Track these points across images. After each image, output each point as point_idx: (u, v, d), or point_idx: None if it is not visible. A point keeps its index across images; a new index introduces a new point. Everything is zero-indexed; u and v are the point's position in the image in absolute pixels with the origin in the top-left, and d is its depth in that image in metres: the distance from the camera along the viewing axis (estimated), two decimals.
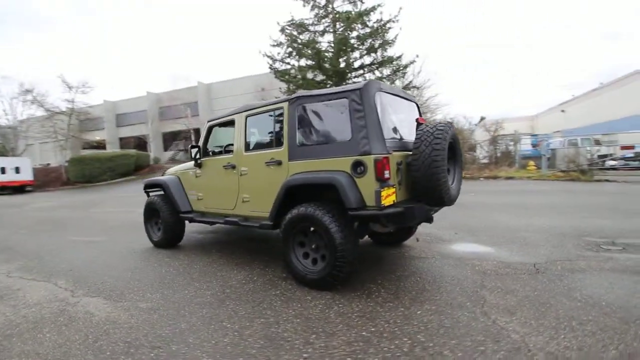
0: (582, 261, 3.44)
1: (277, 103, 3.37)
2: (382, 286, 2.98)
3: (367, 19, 18.66)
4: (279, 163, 3.25)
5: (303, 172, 3.04)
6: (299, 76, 19.77)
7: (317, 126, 3.11)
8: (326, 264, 2.83)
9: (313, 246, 3.01)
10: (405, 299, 2.68)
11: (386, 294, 2.81)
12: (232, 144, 4.42)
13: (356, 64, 19.69)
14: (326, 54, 18.94)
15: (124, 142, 38.77)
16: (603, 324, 2.19)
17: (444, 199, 2.87)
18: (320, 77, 19.75)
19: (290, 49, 19.48)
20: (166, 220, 4.48)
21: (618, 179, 11.32)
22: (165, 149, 38.48)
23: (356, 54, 19.40)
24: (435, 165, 2.75)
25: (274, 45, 19.62)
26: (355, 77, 20.27)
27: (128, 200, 12.11)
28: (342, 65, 18.94)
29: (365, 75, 20.08)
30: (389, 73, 19.30)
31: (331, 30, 19.67)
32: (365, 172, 2.69)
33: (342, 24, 19.23)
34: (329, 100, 3.02)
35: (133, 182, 20.13)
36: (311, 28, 19.81)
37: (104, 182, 19.97)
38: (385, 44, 19.03)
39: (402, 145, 3.05)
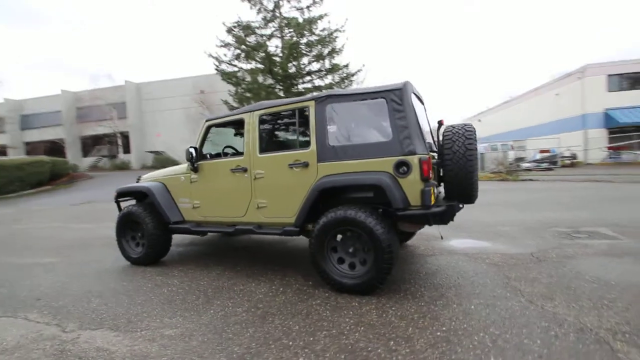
0: (568, 248, 3.90)
1: (300, 102, 3.20)
2: (418, 285, 3.00)
3: (314, 27, 18.99)
4: (306, 165, 3.08)
5: (337, 174, 2.93)
6: (248, 79, 19.22)
7: (350, 126, 3.03)
8: (370, 267, 2.75)
9: (350, 250, 2.90)
10: (451, 296, 2.73)
11: (428, 292, 2.83)
12: (230, 146, 4.11)
13: (305, 70, 19.88)
14: (276, 58, 18.75)
15: (30, 148, 33.28)
16: (627, 300, 2.50)
17: (473, 196, 3.01)
18: (269, 81, 19.48)
19: (238, 51, 18.86)
20: (151, 234, 3.92)
21: (539, 178, 13.21)
22: (85, 154, 34.05)
23: (305, 60, 19.59)
24: (470, 165, 2.87)
25: (220, 46, 18.81)
26: (303, 82, 20.43)
27: (56, 213, 10.35)
28: (292, 70, 18.95)
29: (314, 81, 20.36)
30: (337, 80, 19.84)
31: (279, 35, 19.58)
32: (409, 172, 2.69)
33: (290, 30, 19.28)
34: (363, 100, 2.96)
35: (51, 193, 17.28)
36: (258, 31, 19.46)
37: (14, 194, 16.77)
38: (333, 52, 19.57)
39: (428, 145, 3.13)
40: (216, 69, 19.63)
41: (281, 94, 19.69)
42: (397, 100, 2.80)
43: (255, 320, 2.49)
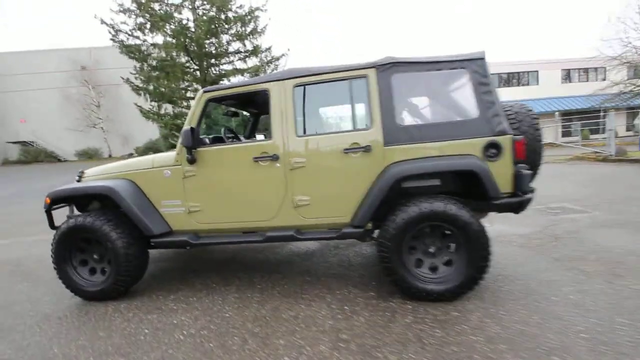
0: (564, 223, 4.21)
1: (353, 70, 2.53)
2: (488, 280, 2.73)
3: (231, 2, 17.28)
4: (367, 150, 2.46)
5: (414, 160, 2.40)
6: (156, 54, 16.46)
7: (424, 102, 2.52)
8: (465, 267, 2.34)
9: (431, 249, 2.44)
10: (535, 287, 2.54)
11: (508, 286, 2.59)
12: (230, 129, 3.14)
13: (225, 50, 18.08)
14: (188, 32, 16.43)
15: None
16: None
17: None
18: (183, 59, 17.08)
19: (142, 20, 15.87)
20: (122, 253, 2.72)
21: None
22: None
23: (225, 39, 17.78)
24: (539, 146, 2.70)
25: (118, 12, 15.50)
26: (223, 63, 18.64)
27: None
28: (212, 49, 16.96)
29: (234, 62, 18.73)
30: (259, 63, 18.61)
31: (190, 7, 17.19)
32: (500, 155, 2.35)
33: (204, 2, 17.13)
34: (438, 69, 2.47)
35: None
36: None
37: None
38: (255, 32, 18.23)
39: None
40: (112, 40, 16.25)
41: (198, 74, 17.54)
42: (481, 71, 2.41)
43: (355, 353, 1.83)
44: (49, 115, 29.34)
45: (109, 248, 2.73)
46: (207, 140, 2.92)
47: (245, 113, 4.08)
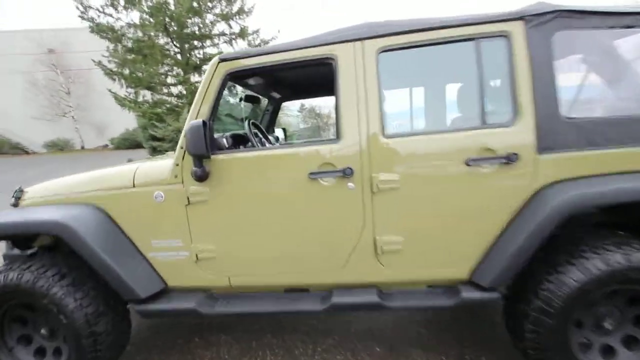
0: None
1: (484, 23, 1.49)
2: None
3: None
4: (509, 160, 1.45)
5: (596, 178, 1.41)
6: (131, 35, 14.79)
7: (608, 77, 1.51)
8: None
9: (607, 324, 1.48)
10: None
11: None
12: (254, 122, 2.07)
13: (209, 32, 16.55)
14: (168, 10, 14.76)
15: None
16: None
17: None
18: (163, 40, 15.45)
19: None
20: (84, 332, 1.63)
21: None
22: None
23: (209, 19, 16.22)
24: None
25: None
26: (208, 46, 17.12)
27: None
28: (195, 30, 15.39)
29: (219, 45, 17.22)
30: (246, 46, 17.18)
31: None
32: None
33: None
34: (628, 26, 1.47)
35: None
36: None
37: None
38: (242, 12, 16.75)
39: None
40: (81, 17, 14.43)
41: (179, 57, 16.01)
42: None
43: None
44: (12, 103, 26.88)
45: (63, 323, 1.63)
46: (225, 142, 1.82)
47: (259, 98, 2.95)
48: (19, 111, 26.46)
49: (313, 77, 2.12)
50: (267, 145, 2.18)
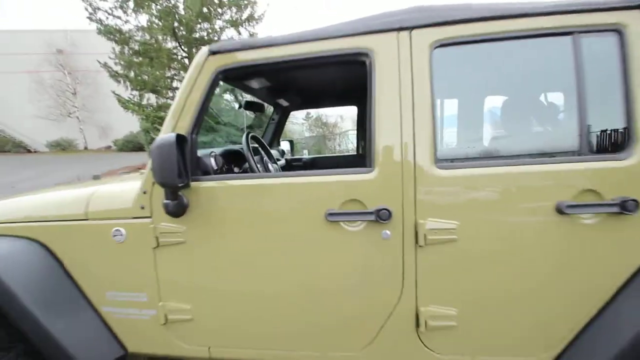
0: None
1: (583, 11, 1.05)
2: None
3: None
4: (622, 209, 0.99)
5: None
6: (139, 37, 14.63)
7: None
8: None
9: None
10: None
11: None
12: (255, 137, 1.64)
13: (217, 37, 16.39)
14: (177, 14, 14.62)
15: None
16: None
17: None
18: (170, 44, 15.29)
19: None
20: None
21: None
22: None
23: (218, 25, 16.07)
24: None
25: None
26: None
27: None
28: (204, 34, 15.20)
29: None
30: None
31: None
32: None
33: None
34: None
35: None
36: None
37: None
38: (251, 19, 16.60)
39: None
40: (89, 19, 14.31)
41: (186, 62, 15.81)
42: None
43: None
44: (19, 102, 26.94)
45: None
46: (213, 163, 1.36)
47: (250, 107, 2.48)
48: (25, 110, 26.49)
49: (335, 79, 1.67)
50: (270, 165, 1.73)
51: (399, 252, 1.12)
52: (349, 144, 15.99)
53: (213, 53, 1.22)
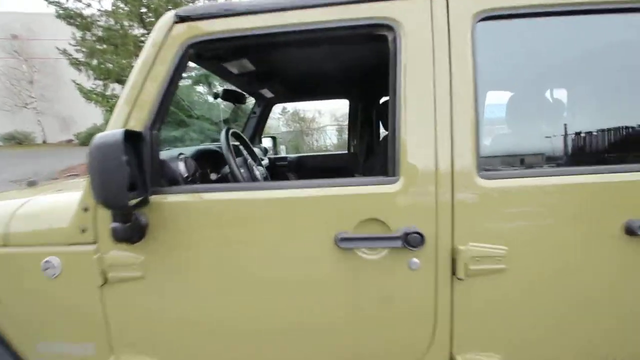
0: None
1: None
2: None
3: None
4: None
5: None
6: (102, 22, 13.64)
7: None
8: None
9: None
10: None
11: None
12: (235, 136, 1.34)
13: None
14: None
15: None
16: None
17: None
18: (137, 32, 14.37)
19: None
20: None
21: None
22: None
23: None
24: None
25: None
26: None
27: None
28: None
29: None
30: None
31: None
32: None
33: None
34: None
35: None
36: None
37: None
38: None
39: None
40: (48, 1, 13.20)
41: None
42: None
43: None
44: None
45: None
46: (183, 168, 1.05)
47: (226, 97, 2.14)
48: None
49: (333, 64, 1.37)
50: (256, 169, 1.42)
51: (431, 286, 0.87)
52: (327, 140, 15.73)
53: (181, 19, 0.91)
